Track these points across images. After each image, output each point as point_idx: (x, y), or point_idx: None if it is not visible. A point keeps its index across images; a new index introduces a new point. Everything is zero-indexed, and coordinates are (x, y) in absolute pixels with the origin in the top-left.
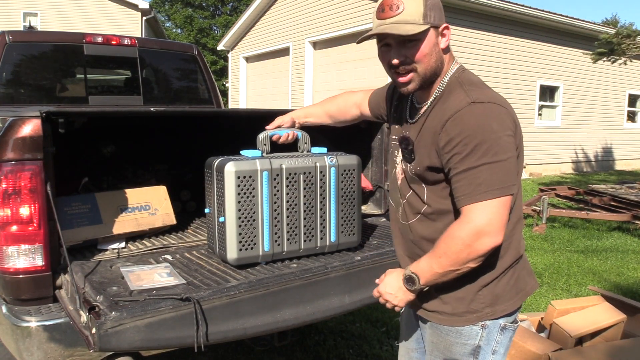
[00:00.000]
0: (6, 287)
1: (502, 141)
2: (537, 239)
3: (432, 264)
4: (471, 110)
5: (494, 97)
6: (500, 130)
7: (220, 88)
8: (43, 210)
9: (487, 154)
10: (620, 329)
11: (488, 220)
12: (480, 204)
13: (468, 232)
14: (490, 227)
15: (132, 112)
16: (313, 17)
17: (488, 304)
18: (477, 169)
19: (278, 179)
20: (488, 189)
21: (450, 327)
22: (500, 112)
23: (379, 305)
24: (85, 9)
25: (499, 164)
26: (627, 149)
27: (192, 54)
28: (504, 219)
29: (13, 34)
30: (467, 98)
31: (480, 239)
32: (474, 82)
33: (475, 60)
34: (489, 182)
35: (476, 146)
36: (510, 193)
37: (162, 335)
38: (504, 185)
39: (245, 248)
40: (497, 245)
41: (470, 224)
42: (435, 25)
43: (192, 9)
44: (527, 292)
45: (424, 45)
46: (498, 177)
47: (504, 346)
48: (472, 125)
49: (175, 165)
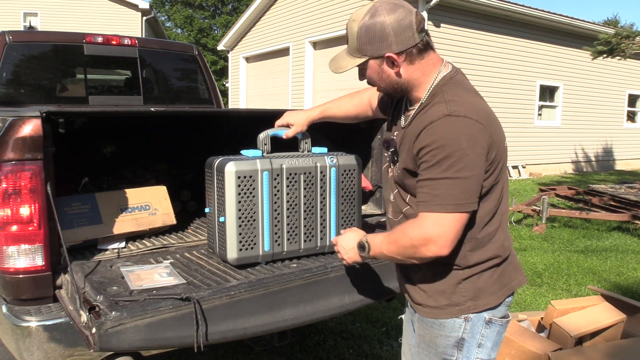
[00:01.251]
0: (6, 287)
1: (468, 158)
2: (537, 239)
3: (383, 243)
4: (444, 123)
5: (472, 111)
6: (468, 147)
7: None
8: (43, 210)
9: (451, 169)
10: (620, 328)
11: (437, 232)
12: (434, 215)
13: (418, 235)
14: (439, 239)
15: (132, 112)
16: (313, 17)
17: (470, 297)
18: (438, 181)
19: (278, 179)
20: (443, 202)
21: (434, 320)
22: (474, 129)
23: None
24: (85, 9)
25: (460, 181)
26: (627, 149)
27: (192, 54)
28: (454, 233)
29: (13, 34)
30: (444, 110)
31: (427, 246)
32: (457, 91)
33: (475, 60)
34: (445, 196)
35: (442, 159)
36: (466, 210)
37: (162, 335)
38: (460, 202)
39: (246, 248)
40: (441, 255)
41: (421, 229)
42: (375, 57)
43: (192, 9)
44: (512, 287)
45: (369, 72)
46: (456, 193)
47: (491, 340)
48: (442, 138)
49: (175, 165)
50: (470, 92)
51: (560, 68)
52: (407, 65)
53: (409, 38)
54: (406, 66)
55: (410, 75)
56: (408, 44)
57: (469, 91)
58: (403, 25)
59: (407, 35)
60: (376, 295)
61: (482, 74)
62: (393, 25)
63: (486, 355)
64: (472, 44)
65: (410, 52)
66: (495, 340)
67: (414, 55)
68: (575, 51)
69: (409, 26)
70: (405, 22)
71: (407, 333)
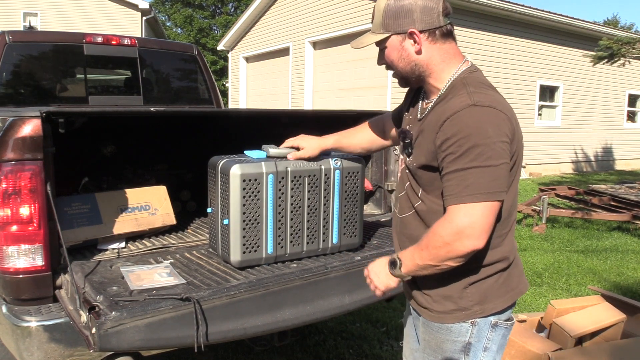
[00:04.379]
0: (6, 287)
1: (496, 146)
2: (537, 239)
3: (414, 254)
4: (470, 112)
5: (496, 102)
6: (495, 135)
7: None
8: (43, 210)
9: (479, 158)
10: (620, 328)
11: (470, 223)
12: (465, 206)
13: (449, 231)
14: (472, 230)
15: (132, 112)
16: (313, 17)
17: (477, 301)
18: (467, 171)
19: (283, 181)
20: (475, 192)
21: (440, 325)
22: (498, 118)
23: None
24: (85, 9)
25: (490, 169)
26: (627, 149)
27: (192, 54)
28: (488, 223)
29: (13, 34)
30: (468, 100)
31: (461, 240)
32: (479, 84)
33: (476, 60)
34: (477, 186)
35: (470, 148)
36: (497, 199)
37: (162, 335)
38: (492, 190)
39: (249, 250)
40: (477, 249)
41: (452, 223)
42: (398, 32)
43: (192, 9)
44: (520, 291)
45: (388, 51)
46: (487, 181)
47: (496, 343)
48: (468, 127)
49: (175, 165)
50: (491, 87)
51: (560, 68)
52: (429, 45)
53: (434, 19)
54: (427, 45)
55: (430, 57)
56: (432, 24)
57: (490, 86)
58: (430, 6)
59: (432, 16)
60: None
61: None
62: (420, 4)
63: (491, 358)
64: (472, 44)
65: (433, 33)
66: (501, 344)
67: (437, 37)
68: (575, 51)
69: (436, 8)
70: (432, 4)
71: (408, 337)
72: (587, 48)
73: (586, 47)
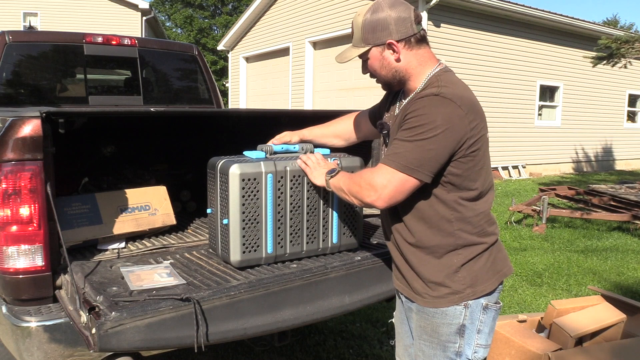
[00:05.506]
0: (6, 287)
1: (437, 134)
2: (537, 239)
3: (345, 178)
4: (430, 100)
5: (458, 98)
6: (441, 125)
7: (220, 88)
8: (43, 210)
9: (416, 136)
10: (620, 328)
11: (381, 183)
12: (386, 168)
13: (367, 179)
14: (380, 190)
15: (132, 112)
16: (313, 17)
17: (468, 284)
18: (402, 143)
19: (282, 181)
20: (396, 160)
21: (435, 309)
22: (453, 112)
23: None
24: (85, 9)
25: (420, 149)
26: (627, 149)
27: (192, 54)
28: (395, 191)
29: (13, 34)
30: (434, 90)
31: (368, 191)
32: (452, 81)
33: (476, 60)
34: (401, 156)
35: (414, 126)
36: (414, 176)
37: (162, 336)
38: (412, 166)
39: (249, 250)
40: (375, 205)
41: (372, 175)
42: (378, 44)
43: (192, 9)
44: (505, 274)
45: (371, 62)
46: (411, 157)
47: (487, 325)
48: (422, 109)
49: (175, 165)
50: (461, 85)
51: (560, 68)
52: (406, 52)
53: (409, 28)
54: (405, 53)
55: (409, 62)
56: (407, 33)
57: (460, 84)
58: (403, 17)
59: (406, 25)
60: (376, 296)
61: (482, 74)
62: (394, 16)
63: (484, 341)
64: (472, 44)
65: (409, 41)
66: (491, 326)
67: (412, 44)
68: (575, 51)
69: (408, 18)
70: (404, 15)
71: (401, 334)
72: (587, 48)
73: (586, 47)
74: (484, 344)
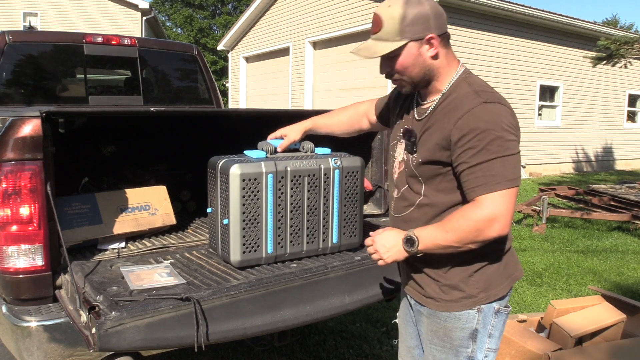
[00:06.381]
0: (6, 287)
1: (511, 138)
2: (537, 239)
3: (437, 235)
4: (484, 109)
5: (502, 99)
6: (510, 129)
7: (220, 88)
8: (43, 210)
9: (500, 149)
10: (620, 328)
11: (500, 210)
12: (496, 194)
13: (483, 217)
14: (502, 217)
15: (132, 112)
16: (313, 17)
17: (482, 288)
18: (491, 162)
19: (283, 181)
20: (502, 180)
21: (448, 313)
22: (508, 113)
23: (379, 305)
24: (85, 9)
25: (510, 158)
26: (627, 149)
27: (192, 54)
28: (512, 210)
29: (13, 34)
30: (479, 98)
31: (492, 226)
32: (483, 84)
33: (475, 60)
34: (502, 174)
35: (490, 142)
36: (518, 185)
37: (162, 335)
38: (514, 177)
39: (249, 250)
40: (503, 234)
41: (486, 210)
42: (416, 39)
43: (192, 9)
44: (516, 277)
45: (403, 58)
46: (509, 170)
47: (498, 329)
48: (486, 123)
49: (175, 165)
50: (490, 86)
51: (560, 68)
52: (441, 49)
53: (444, 24)
54: (441, 50)
55: (441, 60)
56: (444, 29)
57: (489, 86)
58: (440, 11)
59: (443, 20)
60: (376, 295)
61: (482, 74)
62: (434, 10)
63: (494, 345)
64: (472, 44)
65: (444, 37)
66: (501, 330)
67: (446, 41)
68: (575, 51)
69: (444, 13)
70: (441, 9)
71: (404, 335)
72: (587, 48)
73: (586, 47)
74: (494, 348)
